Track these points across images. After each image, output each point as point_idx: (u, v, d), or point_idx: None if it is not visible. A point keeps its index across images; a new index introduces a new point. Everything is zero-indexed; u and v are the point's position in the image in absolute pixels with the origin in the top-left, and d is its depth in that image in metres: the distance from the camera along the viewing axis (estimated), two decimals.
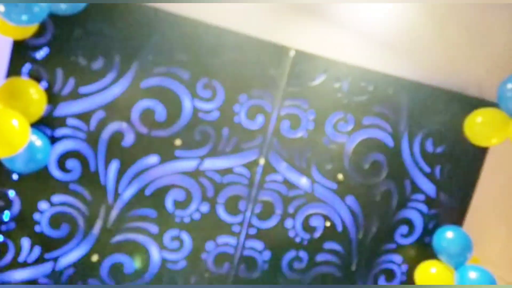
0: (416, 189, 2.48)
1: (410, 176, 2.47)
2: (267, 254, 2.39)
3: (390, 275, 2.54)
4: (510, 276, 2.54)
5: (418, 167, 2.46)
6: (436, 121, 2.44)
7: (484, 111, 2.26)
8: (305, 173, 2.36)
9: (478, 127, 2.25)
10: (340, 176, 2.40)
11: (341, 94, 2.32)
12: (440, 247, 2.38)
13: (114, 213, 2.18)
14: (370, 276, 2.51)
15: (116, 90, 2.07)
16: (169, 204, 2.24)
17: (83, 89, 2.04)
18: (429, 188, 2.49)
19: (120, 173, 2.16)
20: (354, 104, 2.34)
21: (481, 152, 2.49)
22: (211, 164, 2.26)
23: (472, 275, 2.22)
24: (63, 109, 2.03)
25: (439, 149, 2.47)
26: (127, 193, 2.18)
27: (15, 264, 2.08)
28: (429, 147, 2.46)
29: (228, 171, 2.28)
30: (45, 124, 2.01)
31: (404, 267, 2.54)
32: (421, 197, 2.49)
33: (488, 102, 2.38)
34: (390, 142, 2.42)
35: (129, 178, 2.17)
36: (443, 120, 2.44)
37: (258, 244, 2.38)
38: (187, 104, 2.17)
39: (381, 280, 2.53)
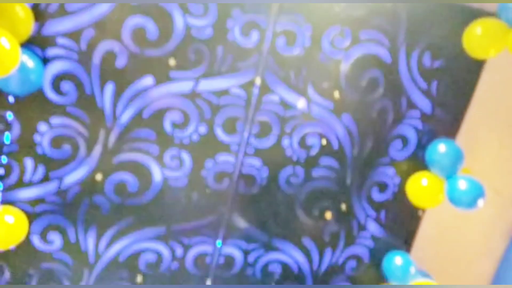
0: (412, 105, 2.49)
1: (407, 93, 2.46)
2: (265, 171, 2.47)
3: (383, 187, 2.63)
4: (500, 185, 2.65)
5: (415, 83, 2.45)
6: (435, 34, 2.37)
7: (483, 21, 2.19)
8: (302, 93, 2.36)
9: (476, 37, 2.20)
10: (337, 94, 2.40)
11: (338, 8, 2.25)
12: (432, 160, 2.44)
13: (113, 135, 2.21)
14: (364, 189, 2.62)
15: (104, 7, 2.00)
16: (167, 125, 2.27)
17: (69, 6, 1.96)
18: (424, 104, 2.49)
19: (116, 95, 2.16)
20: (352, 17, 2.27)
21: (478, 65, 2.46)
22: (206, 85, 2.25)
23: (462, 184, 2.31)
24: (51, 27, 1.98)
25: (436, 63, 2.44)
26: (125, 116, 2.20)
27: (21, 184, 2.16)
28: (427, 61, 2.43)
29: (224, 92, 2.28)
30: (35, 44, 1.97)
31: (397, 180, 2.63)
32: (416, 113, 2.50)
33: (488, 13, 2.31)
34: (387, 57, 2.38)
35: (125, 101, 2.18)
36: (442, 33, 2.37)
37: (256, 161, 2.44)
38: (178, 21, 2.10)
39: (375, 192, 2.63)
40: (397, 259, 2.61)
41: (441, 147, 2.41)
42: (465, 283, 2.91)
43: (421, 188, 2.47)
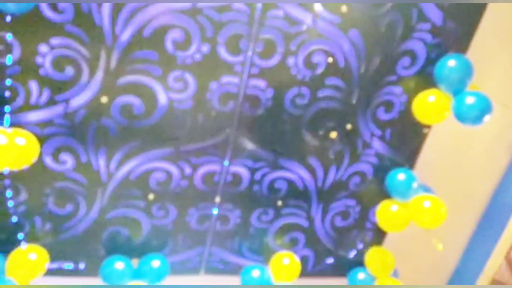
0: (422, 18, 2.38)
1: (418, 4, 2.34)
2: (270, 92, 2.45)
3: (389, 106, 2.62)
4: (509, 100, 2.62)
5: None
6: None
7: None
8: (307, 7, 2.26)
9: None
10: (344, 8, 2.30)
11: None
12: (441, 76, 2.39)
13: (115, 56, 2.18)
14: (370, 108, 2.60)
15: None
16: (169, 45, 2.21)
17: None
18: (436, 15, 2.38)
19: (114, 12, 2.08)
20: None
21: None
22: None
23: (469, 100, 2.29)
24: None
25: None
26: (125, 35, 2.14)
27: (28, 107, 2.17)
28: None
29: (226, 8, 2.19)
30: None
31: (404, 98, 2.60)
32: (426, 26, 2.40)
33: None
34: None
35: (124, 18, 2.11)
36: None
37: (261, 83, 2.41)
38: None
39: (380, 112, 2.62)
40: (400, 175, 2.67)
41: (451, 61, 2.35)
42: (467, 197, 3.00)
43: (427, 104, 2.46)
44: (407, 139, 2.74)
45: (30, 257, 2.36)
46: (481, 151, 2.93)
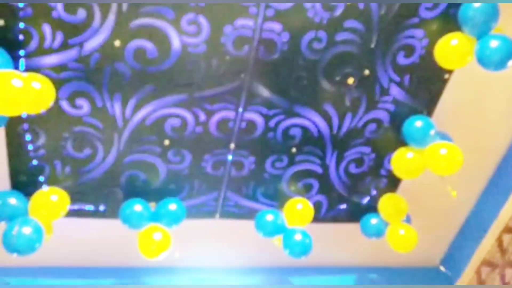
0: None
1: None
2: (286, 36, 2.37)
3: (409, 50, 2.53)
4: None
5: None
6: None
7: None
8: None
9: None
10: None
11: None
12: (465, 18, 2.27)
13: None
14: (389, 53, 2.52)
15: None
16: None
17: None
18: None
19: None
20: None
21: None
22: None
23: (494, 43, 2.19)
24: None
25: None
26: None
27: (41, 50, 2.16)
28: None
29: None
30: None
31: (425, 42, 2.50)
32: None
33: None
34: None
35: None
36: None
37: (277, 26, 2.34)
38: None
39: (400, 56, 2.54)
40: (417, 122, 2.63)
41: (476, 3, 2.22)
42: (485, 145, 2.96)
43: (450, 48, 2.35)
44: (427, 85, 2.66)
45: (51, 198, 2.45)
46: (501, 99, 2.85)
